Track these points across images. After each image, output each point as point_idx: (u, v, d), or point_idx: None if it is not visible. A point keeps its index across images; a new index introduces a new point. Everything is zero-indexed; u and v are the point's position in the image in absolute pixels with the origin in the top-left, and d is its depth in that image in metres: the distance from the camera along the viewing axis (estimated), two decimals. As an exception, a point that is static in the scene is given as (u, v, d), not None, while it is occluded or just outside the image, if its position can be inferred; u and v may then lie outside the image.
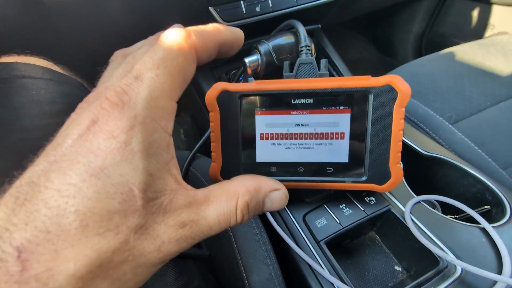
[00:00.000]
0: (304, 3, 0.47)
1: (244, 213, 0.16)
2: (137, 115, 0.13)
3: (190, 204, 0.15)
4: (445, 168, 0.36)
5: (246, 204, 0.16)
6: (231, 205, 0.16)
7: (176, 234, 0.14)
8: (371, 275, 0.29)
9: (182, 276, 0.28)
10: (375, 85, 0.25)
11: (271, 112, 0.27)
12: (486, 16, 0.89)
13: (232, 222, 0.16)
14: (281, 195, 0.19)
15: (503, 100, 0.51)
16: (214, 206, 0.16)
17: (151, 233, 0.13)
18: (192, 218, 0.15)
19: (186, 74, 0.15)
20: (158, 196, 0.14)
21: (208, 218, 0.15)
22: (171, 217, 0.14)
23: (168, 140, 0.15)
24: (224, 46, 0.17)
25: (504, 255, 0.25)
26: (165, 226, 0.14)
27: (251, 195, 0.17)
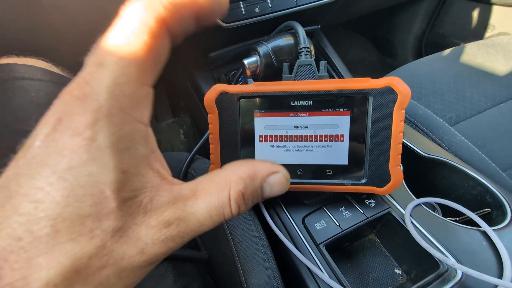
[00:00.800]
0: (303, 4, 0.47)
1: (240, 204, 0.15)
2: (101, 107, 0.12)
3: (175, 200, 0.14)
4: (445, 170, 0.36)
5: (241, 193, 0.15)
6: (223, 196, 0.14)
7: (160, 234, 0.13)
8: (370, 278, 0.29)
9: (181, 279, 0.28)
10: (375, 87, 0.25)
11: (270, 114, 0.27)
12: (486, 17, 0.88)
13: (226, 215, 0.14)
14: (281, 177, 0.16)
15: (503, 101, 0.51)
16: (204, 199, 0.14)
17: (131, 235, 0.12)
18: (178, 216, 0.13)
19: (157, 52, 0.13)
20: (135, 195, 0.13)
21: (197, 213, 0.14)
22: (153, 217, 0.13)
23: (144, 132, 0.13)
24: (202, 14, 0.14)
25: (504, 258, 0.25)
26: (147, 227, 0.13)
27: (245, 182, 0.15)
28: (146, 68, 0.13)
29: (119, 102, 0.12)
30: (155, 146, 0.14)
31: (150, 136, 0.14)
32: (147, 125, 0.14)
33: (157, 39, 0.13)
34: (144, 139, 0.13)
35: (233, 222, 0.30)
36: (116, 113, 0.12)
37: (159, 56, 0.13)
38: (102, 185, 0.12)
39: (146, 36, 0.12)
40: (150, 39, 0.12)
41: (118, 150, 0.12)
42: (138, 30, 0.12)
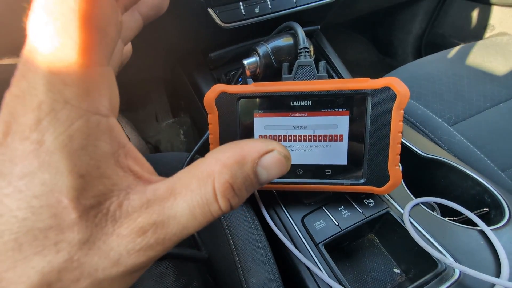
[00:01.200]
0: (303, 4, 0.47)
1: (230, 197, 0.12)
2: (41, 103, 0.10)
3: (148, 203, 0.12)
4: (444, 170, 0.36)
5: (228, 184, 0.12)
6: (207, 191, 0.12)
7: (135, 244, 0.11)
8: (369, 278, 0.29)
9: (182, 278, 0.28)
10: (373, 87, 0.25)
11: (269, 114, 0.27)
12: (486, 17, 0.89)
13: (214, 212, 0.12)
14: (276, 156, 0.13)
15: (502, 102, 0.51)
16: (184, 198, 0.12)
17: (102, 247, 0.11)
18: (153, 221, 0.11)
19: (103, 22, 0.10)
20: (100, 202, 0.11)
21: (177, 215, 0.12)
22: (124, 225, 0.11)
23: (105, 125, 0.11)
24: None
25: (502, 257, 0.25)
26: (118, 238, 0.11)
27: (232, 171, 0.12)
28: (90, 43, 0.10)
29: (61, 94, 0.10)
30: (124, 140, 0.12)
31: (114, 129, 0.12)
32: (108, 116, 0.11)
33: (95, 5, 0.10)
34: (106, 133, 0.11)
35: (233, 222, 0.30)
36: (60, 108, 0.10)
37: (106, 27, 0.11)
38: (58, 193, 0.10)
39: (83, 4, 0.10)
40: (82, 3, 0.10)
41: (71, 151, 0.10)
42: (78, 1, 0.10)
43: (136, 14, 0.17)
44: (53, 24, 0.09)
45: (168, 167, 0.38)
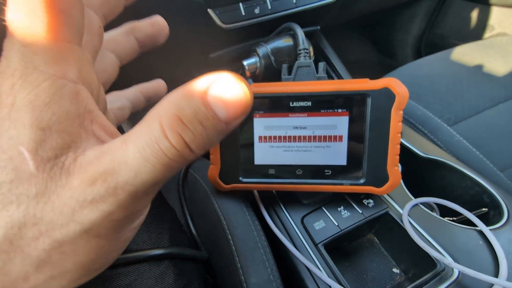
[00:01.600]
0: (303, 5, 0.47)
1: (180, 130, 0.11)
2: (15, 70, 0.11)
3: (102, 154, 0.12)
4: (443, 170, 0.36)
5: (176, 117, 0.11)
6: (154, 129, 0.11)
7: (85, 195, 0.11)
8: (369, 277, 0.29)
9: (182, 278, 0.28)
10: (373, 88, 0.25)
11: (269, 115, 0.28)
12: (485, 17, 0.89)
13: (166, 150, 0.11)
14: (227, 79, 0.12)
15: (501, 102, 0.51)
16: (134, 142, 0.11)
17: (55, 201, 0.11)
18: (103, 169, 0.11)
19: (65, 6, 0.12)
20: (57, 155, 0.11)
21: (128, 161, 0.11)
22: (76, 176, 0.11)
23: (71, 88, 0.12)
24: None
25: (500, 258, 0.25)
26: (70, 190, 0.11)
27: (179, 104, 0.11)
28: (50, 22, 0.11)
29: (31, 61, 0.11)
30: (91, 106, 0.13)
31: (81, 94, 0.12)
32: (76, 82, 0.12)
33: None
34: (71, 95, 0.12)
35: (233, 222, 0.30)
36: (30, 73, 0.11)
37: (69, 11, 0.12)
38: (19, 145, 0.11)
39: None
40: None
41: (35, 107, 0.11)
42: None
43: (131, 38, 0.19)
44: (22, 10, 0.11)
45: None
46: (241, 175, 0.29)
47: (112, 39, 0.19)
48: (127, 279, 0.22)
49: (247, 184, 0.29)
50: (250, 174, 0.29)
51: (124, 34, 0.19)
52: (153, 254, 0.24)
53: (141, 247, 0.24)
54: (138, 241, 0.24)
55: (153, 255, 0.24)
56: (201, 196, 0.33)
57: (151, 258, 0.24)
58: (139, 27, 0.19)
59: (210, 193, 0.32)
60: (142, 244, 0.24)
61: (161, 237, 0.26)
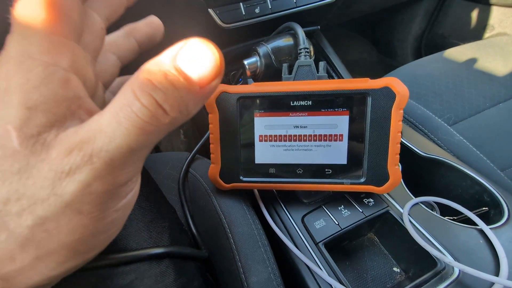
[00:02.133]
0: (303, 5, 0.47)
1: (150, 90, 0.11)
2: (11, 58, 0.12)
3: (79, 128, 0.12)
4: (443, 170, 0.36)
5: (145, 79, 0.11)
6: (126, 94, 0.12)
7: (62, 166, 0.11)
8: (369, 276, 0.29)
9: (182, 277, 0.28)
10: (373, 87, 0.25)
11: (270, 114, 0.28)
12: (485, 17, 0.89)
13: (140, 112, 0.11)
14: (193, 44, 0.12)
15: (502, 102, 0.51)
16: (108, 110, 0.12)
17: (36, 175, 0.11)
18: (79, 139, 0.12)
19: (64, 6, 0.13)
20: (40, 132, 0.12)
21: (102, 127, 0.11)
22: (54, 149, 0.12)
23: (62, 75, 0.12)
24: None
25: (501, 256, 0.25)
26: (49, 162, 0.11)
27: (149, 70, 0.12)
28: (49, 20, 0.12)
29: (27, 50, 0.12)
30: (81, 93, 0.13)
31: (72, 81, 0.13)
32: (67, 70, 0.13)
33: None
34: (62, 81, 0.12)
35: (233, 221, 0.30)
36: (24, 60, 0.12)
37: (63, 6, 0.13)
38: (6, 123, 0.11)
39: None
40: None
41: (25, 89, 0.12)
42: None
43: (131, 39, 0.20)
44: (26, 7, 0.12)
45: (168, 167, 0.38)
46: (242, 174, 0.29)
47: (113, 42, 0.20)
48: (127, 278, 0.22)
49: (248, 183, 0.29)
50: (251, 173, 0.29)
51: (124, 36, 0.20)
52: (153, 253, 0.24)
53: (141, 245, 0.24)
54: (138, 239, 0.24)
55: (153, 254, 0.24)
56: (202, 195, 0.33)
57: (151, 257, 0.24)
58: (138, 28, 0.20)
59: (211, 192, 0.32)
60: (142, 243, 0.24)
61: (161, 236, 0.26)
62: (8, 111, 0.12)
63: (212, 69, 0.12)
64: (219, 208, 0.31)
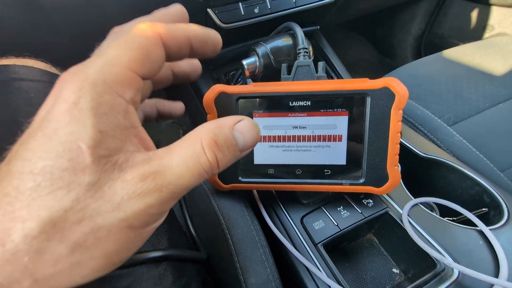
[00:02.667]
0: (302, 5, 0.47)
1: (215, 150, 0.15)
2: (87, 78, 0.13)
3: (150, 159, 0.14)
4: (443, 170, 0.36)
5: (213, 140, 0.15)
6: (196, 146, 0.15)
7: (136, 188, 0.13)
8: (368, 278, 0.29)
9: (180, 279, 0.28)
10: (372, 87, 0.25)
11: (268, 114, 0.27)
12: (485, 17, 0.89)
13: (204, 164, 0.15)
14: (247, 123, 0.17)
15: (501, 102, 0.51)
16: (178, 153, 0.14)
17: (106, 190, 0.13)
18: (154, 170, 0.14)
19: (149, 52, 0.15)
20: (111, 154, 0.13)
21: (173, 166, 0.14)
22: (129, 172, 0.13)
23: (125, 106, 0.14)
24: (196, 41, 0.18)
25: (501, 258, 0.25)
26: (123, 182, 0.13)
27: (214, 131, 0.15)
28: (136, 59, 0.14)
29: (103, 76, 0.13)
30: (137, 124, 0.15)
31: (131, 113, 0.15)
32: (129, 103, 0.15)
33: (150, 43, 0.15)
34: (124, 112, 0.14)
35: (232, 222, 0.30)
36: (99, 84, 0.13)
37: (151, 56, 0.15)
38: (79, 141, 0.13)
39: (142, 39, 0.15)
40: (144, 41, 0.15)
41: (97, 113, 0.13)
42: (137, 35, 0.15)
43: (169, 70, 0.22)
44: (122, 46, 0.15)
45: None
46: (241, 175, 0.29)
47: None
48: (125, 281, 0.22)
49: (247, 184, 0.29)
50: (250, 174, 0.29)
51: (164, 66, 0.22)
52: (152, 257, 0.24)
53: (139, 249, 0.24)
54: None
55: (151, 258, 0.24)
56: (200, 196, 0.33)
57: (149, 261, 0.24)
58: (179, 64, 0.23)
59: (209, 193, 0.32)
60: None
61: (159, 238, 0.26)
62: (80, 129, 0.13)
63: (253, 143, 0.17)
64: (218, 209, 0.31)
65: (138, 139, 0.15)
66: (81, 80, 0.13)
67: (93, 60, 0.14)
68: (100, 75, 0.13)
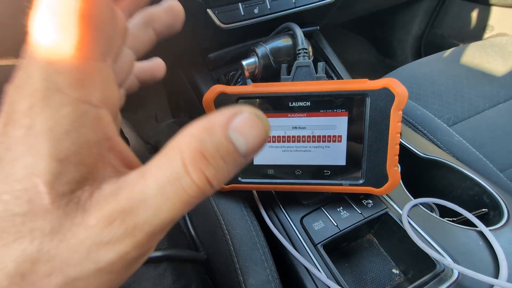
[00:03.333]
0: (302, 5, 0.47)
1: (203, 166, 0.11)
2: (36, 90, 0.10)
3: (118, 190, 0.11)
4: (443, 171, 0.36)
5: (198, 152, 0.11)
6: (175, 164, 0.11)
7: (102, 236, 0.11)
8: (368, 278, 0.29)
9: (180, 280, 0.28)
10: (372, 88, 0.25)
11: (268, 115, 0.27)
12: (485, 18, 0.89)
13: (188, 188, 0.11)
14: (248, 117, 0.11)
15: (501, 102, 0.51)
16: (154, 178, 0.11)
17: (71, 240, 0.11)
18: (121, 208, 0.11)
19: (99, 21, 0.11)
20: (73, 190, 0.11)
21: (147, 199, 0.11)
22: (92, 215, 0.11)
23: (93, 114, 0.11)
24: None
25: (501, 258, 0.25)
26: (86, 229, 0.11)
27: (201, 139, 0.11)
28: (86, 38, 0.10)
29: (54, 82, 0.10)
30: (110, 133, 0.12)
31: (103, 120, 0.12)
32: (99, 107, 0.11)
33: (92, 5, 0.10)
34: (92, 122, 0.11)
35: (232, 223, 0.30)
36: (52, 94, 0.10)
37: (103, 26, 0.11)
38: (35, 177, 0.10)
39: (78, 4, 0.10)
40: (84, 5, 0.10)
41: (55, 135, 0.10)
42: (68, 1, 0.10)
43: (149, 30, 0.18)
44: (54, 21, 0.10)
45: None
46: (240, 175, 0.29)
47: (131, 34, 0.18)
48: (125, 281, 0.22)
49: (246, 184, 0.29)
50: (249, 174, 0.29)
51: (142, 26, 0.18)
52: (151, 257, 0.24)
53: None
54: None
55: (151, 258, 0.24)
56: (200, 196, 0.33)
57: (149, 261, 0.24)
58: (157, 17, 0.18)
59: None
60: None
61: (159, 238, 0.26)
62: (36, 161, 0.10)
63: (260, 143, 0.12)
64: (217, 210, 0.31)
65: (114, 154, 0.12)
66: (29, 96, 0.10)
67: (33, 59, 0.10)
68: (49, 83, 0.10)
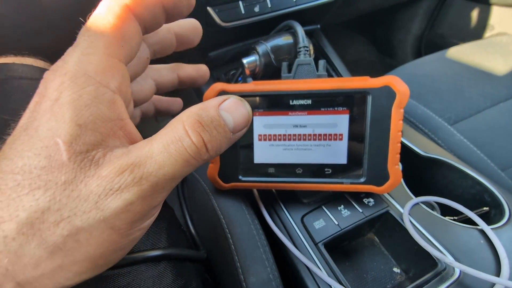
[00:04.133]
0: (303, 3, 0.47)
1: (200, 131, 0.14)
2: (67, 72, 0.13)
3: (129, 151, 0.13)
4: (443, 169, 0.36)
5: (196, 120, 0.14)
6: (178, 129, 0.14)
7: (112, 184, 0.12)
8: (369, 277, 0.29)
9: (180, 278, 0.28)
10: (373, 86, 0.25)
11: (269, 113, 0.27)
12: (485, 17, 0.89)
13: (189, 147, 0.13)
14: (233, 100, 0.16)
15: (502, 101, 0.51)
16: (159, 140, 0.13)
17: (83, 189, 0.12)
18: (132, 161, 0.13)
19: (124, 32, 0.14)
20: (88, 150, 0.13)
21: (153, 154, 0.13)
22: (105, 168, 0.12)
23: (110, 96, 0.14)
24: (169, 6, 0.16)
25: (502, 257, 0.25)
26: (98, 179, 0.12)
27: (198, 113, 0.14)
28: (112, 43, 0.14)
29: (83, 68, 0.13)
30: (123, 115, 0.14)
31: (118, 104, 0.14)
32: (115, 92, 0.14)
33: (122, 20, 0.14)
34: (109, 103, 0.14)
35: (232, 221, 0.30)
36: (79, 76, 0.13)
37: (126, 35, 0.14)
38: (57, 137, 0.12)
39: (111, 17, 0.14)
40: (115, 20, 0.14)
41: (77, 106, 0.12)
42: (104, 14, 0.14)
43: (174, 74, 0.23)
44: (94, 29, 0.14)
45: None
46: (241, 174, 0.29)
47: (157, 70, 0.23)
48: (124, 280, 0.22)
49: (247, 183, 0.29)
50: (250, 173, 0.29)
51: (169, 69, 0.23)
52: (151, 256, 0.24)
53: (138, 247, 0.23)
54: (136, 240, 0.24)
55: (150, 257, 0.23)
56: (200, 194, 0.33)
57: (148, 259, 0.24)
58: (184, 68, 0.23)
59: (210, 192, 0.32)
60: (139, 245, 0.24)
61: (158, 237, 0.26)
62: (59, 124, 0.12)
63: (244, 122, 0.16)
64: (218, 208, 0.30)
65: (124, 132, 0.14)
66: (61, 75, 0.13)
67: (70, 53, 0.13)
68: (79, 67, 0.13)
